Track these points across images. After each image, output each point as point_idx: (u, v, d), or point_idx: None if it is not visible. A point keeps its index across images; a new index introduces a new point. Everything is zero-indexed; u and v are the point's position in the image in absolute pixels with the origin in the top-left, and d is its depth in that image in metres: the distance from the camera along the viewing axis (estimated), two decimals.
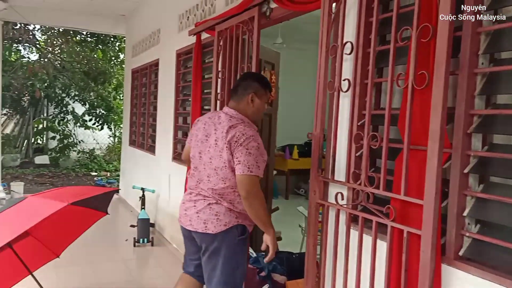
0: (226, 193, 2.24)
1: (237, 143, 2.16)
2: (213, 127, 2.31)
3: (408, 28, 1.70)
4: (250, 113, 2.32)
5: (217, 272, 2.28)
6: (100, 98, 11.49)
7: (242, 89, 2.33)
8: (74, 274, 3.91)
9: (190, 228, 2.33)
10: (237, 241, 2.27)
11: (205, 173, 2.29)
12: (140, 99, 6.60)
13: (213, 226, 2.24)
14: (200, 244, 2.35)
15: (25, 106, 11.61)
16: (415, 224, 1.69)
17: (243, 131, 2.19)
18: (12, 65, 10.56)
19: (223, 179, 2.23)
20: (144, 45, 6.39)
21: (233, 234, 2.26)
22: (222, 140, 2.22)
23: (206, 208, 2.27)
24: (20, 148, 11.50)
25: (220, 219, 2.24)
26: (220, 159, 2.22)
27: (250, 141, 2.16)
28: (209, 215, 2.25)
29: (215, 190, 2.26)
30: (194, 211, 2.31)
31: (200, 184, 2.32)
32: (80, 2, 6.52)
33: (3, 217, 2.29)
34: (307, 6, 2.42)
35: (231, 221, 2.25)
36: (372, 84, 1.92)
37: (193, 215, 2.31)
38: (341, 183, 2.10)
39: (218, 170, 2.23)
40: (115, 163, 11.34)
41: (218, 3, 3.83)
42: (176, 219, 4.73)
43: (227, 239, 2.25)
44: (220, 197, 2.26)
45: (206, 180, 2.29)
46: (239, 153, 2.15)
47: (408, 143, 1.70)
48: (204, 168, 2.30)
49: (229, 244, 2.26)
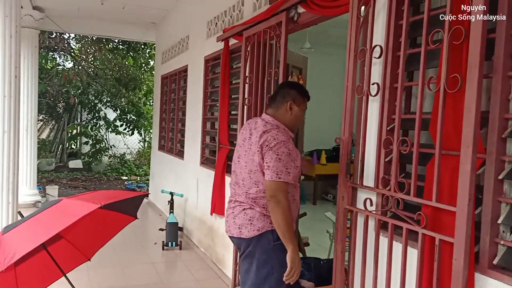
0: (258, 197, 2.27)
1: (267, 147, 2.19)
2: (249, 132, 2.36)
3: (439, 30, 1.67)
4: (288, 120, 2.35)
5: (250, 275, 2.31)
6: (130, 104, 11.77)
7: (281, 97, 2.36)
8: (104, 276, 4.00)
9: (229, 234, 2.41)
10: (272, 246, 2.26)
11: (241, 177, 2.35)
12: (169, 104, 6.71)
13: (247, 230, 2.27)
14: (238, 249, 2.42)
15: (60, 112, 12.01)
16: (448, 232, 1.64)
17: (275, 136, 2.21)
18: (48, 72, 10.97)
19: (255, 183, 2.26)
20: (173, 52, 6.51)
21: (267, 239, 2.26)
22: (255, 145, 2.26)
23: (241, 213, 2.31)
24: (55, 153, 11.90)
25: (254, 224, 2.27)
26: (253, 163, 2.26)
27: (281, 147, 2.17)
28: (243, 220, 2.29)
29: (249, 194, 2.29)
30: (232, 217, 2.37)
31: (237, 188, 2.39)
32: (113, 11, 6.72)
33: (39, 219, 2.38)
34: (335, 10, 2.40)
35: (265, 226, 2.26)
36: (402, 88, 1.89)
37: (231, 221, 2.38)
38: (370, 189, 2.06)
39: (251, 173, 2.28)
40: (145, 167, 11.55)
41: (246, 9, 3.87)
42: (204, 223, 4.79)
43: (261, 243, 2.27)
44: (253, 202, 2.28)
45: (241, 184, 2.35)
46: (269, 158, 2.17)
47: (440, 148, 1.66)
48: (240, 172, 2.36)
49: (263, 249, 2.27)
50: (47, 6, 6.68)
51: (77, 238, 2.95)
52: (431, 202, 1.70)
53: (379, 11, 2.08)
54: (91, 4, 6.32)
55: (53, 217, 2.38)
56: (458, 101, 1.62)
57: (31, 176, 6.81)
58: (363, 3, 2.09)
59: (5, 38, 3.94)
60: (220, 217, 4.33)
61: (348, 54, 2.17)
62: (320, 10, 2.54)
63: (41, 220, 2.36)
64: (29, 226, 2.34)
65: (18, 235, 2.30)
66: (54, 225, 2.30)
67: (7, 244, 2.23)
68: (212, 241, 4.56)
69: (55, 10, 6.85)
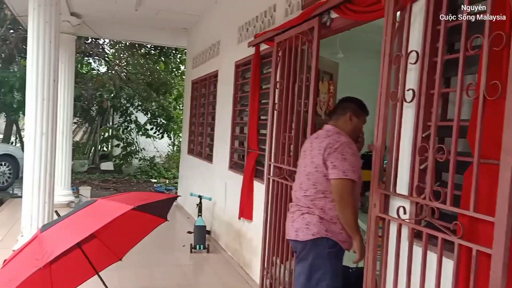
0: (317, 198, 2.37)
1: (331, 149, 2.32)
2: (309, 143, 2.55)
3: (479, 36, 1.63)
4: (348, 130, 2.49)
5: (301, 279, 2.39)
6: (161, 108, 12.00)
7: (341, 109, 2.54)
8: (134, 276, 4.07)
9: (287, 237, 2.53)
10: (327, 253, 2.32)
11: (299, 181, 2.50)
12: (199, 109, 6.80)
13: (303, 234, 2.38)
14: (294, 252, 2.54)
15: (93, 115, 12.37)
16: (485, 242, 1.59)
17: (337, 139, 2.37)
18: (83, 77, 11.33)
19: (314, 184, 2.38)
20: (204, 57, 6.59)
21: (322, 245, 2.34)
22: (316, 149, 2.40)
23: (299, 217, 2.43)
24: (87, 155, 12.25)
25: (310, 228, 2.37)
26: (312, 165, 2.39)
27: (345, 147, 2.31)
28: (300, 224, 2.40)
29: (307, 197, 2.41)
30: (290, 221, 2.50)
31: (296, 193, 2.51)
32: (146, 17, 6.88)
33: (76, 218, 2.45)
34: (370, 15, 2.38)
35: (320, 231, 2.35)
36: (439, 95, 1.85)
37: (289, 224, 2.51)
38: (403, 197, 2.02)
39: (309, 175, 2.41)
40: (173, 170, 11.73)
41: (277, 15, 3.88)
42: (231, 227, 4.81)
43: (315, 248, 2.35)
44: (311, 204, 2.38)
45: (299, 187, 2.48)
46: (334, 158, 2.30)
47: (478, 157, 1.61)
48: (299, 177, 2.52)
49: (317, 254, 2.35)
50: (84, 13, 6.92)
51: (109, 238, 3.01)
52: (468, 212, 1.65)
53: (415, 16, 2.05)
54: (126, 10, 6.49)
55: (89, 217, 2.45)
56: (498, 108, 1.57)
57: (65, 177, 7.03)
58: (399, 8, 2.07)
59: (45, 43, 4.11)
60: (248, 221, 4.35)
61: (383, 60, 2.14)
62: (354, 16, 2.52)
63: (78, 220, 2.44)
64: (66, 225, 2.41)
65: (56, 234, 2.37)
66: (90, 225, 2.37)
67: (45, 242, 2.30)
68: (240, 246, 4.58)
69: (92, 16, 7.07)
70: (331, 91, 4.28)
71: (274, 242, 3.50)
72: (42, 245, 2.32)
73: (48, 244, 2.31)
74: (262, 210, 3.79)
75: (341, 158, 2.28)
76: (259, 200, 4.05)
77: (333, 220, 2.35)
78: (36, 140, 4.06)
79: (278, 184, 3.44)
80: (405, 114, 2.07)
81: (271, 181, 3.58)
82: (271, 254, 3.55)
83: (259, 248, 3.86)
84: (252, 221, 4.25)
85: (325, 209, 2.35)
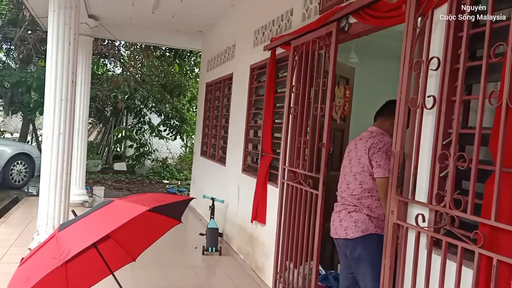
0: (364, 197, 2.46)
1: (375, 148, 2.43)
2: (354, 144, 2.66)
3: (502, 43, 1.61)
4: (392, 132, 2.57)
5: (367, 280, 2.45)
6: (174, 110, 12.08)
7: (388, 111, 2.62)
8: (147, 277, 4.10)
9: (335, 236, 2.60)
10: (379, 249, 2.32)
11: (345, 181, 2.58)
12: (213, 111, 6.83)
13: (352, 232, 2.47)
14: (344, 252, 2.57)
15: (107, 116, 12.50)
16: (506, 252, 1.57)
17: (381, 139, 2.50)
18: (98, 78, 11.46)
19: (360, 183, 2.48)
20: (219, 60, 6.62)
21: (373, 241, 2.42)
22: (361, 150, 2.50)
23: (346, 216, 2.52)
24: (101, 155, 12.37)
25: (358, 226, 2.46)
26: (359, 165, 2.49)
27: (389, 147, 2.39)
28: (349, 222, 2.49)
29: (354, 196, 2.50)
30: (338, 220, 2.58)
31: (342, 193, 2.59)
32: (162, 20, 6.94)
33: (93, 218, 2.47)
34: (390, 21, 2.37)
35: (368, 229, 2.44)
36: (461, 102, 1.83)
37: (337, 224, 2.58)
38: (422, 204, 2.00)
39: (357, 175, 2.50)
40: (186, 172, 11.78)
41: (294, 19, 3.88)
42: (244, 230, 4.81)
43: (367, 245, 2.43)
44: (359, 202, 2.47)
45: (345, 188, 2.57)
46: (379, 158, 2.40)
47: (501, 165, 1.59)
48: (345, 178, 2.61)
49: (370, 251, 2.43)
50: (102, 15, 7.00)
51: (124, 239, 3.04)
52: (489, 221, 1.63)
53: (436, 23, 2.03)
54: (143, 13, 6.56)
55: (105, 217, 2.48)
56: None
57: (80, 177, 7.10)
58: (420, 14, 2.05)
59: (64, 45, 4.17)
60: (261, 225, 4.34)
61: (402, 65, 2.13)
62: (373, 21, 2.51)
63: (95, 220, 2.46)
64: (83, 224, 2.44)
65: (73, 233, 2.40)
66: (107, 225, 2.39)
67: (62, 241, 2.33)
68: (252, 249, 4.57)
69: (109, 19, 7.16)
70: (347, 96, 4.27)
71: (287, 246, 3.49)
72: (60, 244, 2.34)
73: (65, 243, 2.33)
74: (275, 213, 3.78)
75: (385, 158, 2.39)
76: (272, 203, 4.05)
77: (381, 218, 2.44)
78: (53, 139, 4.12)
79: (293, 189, 3.43)
80: (425, 120, 2.05)
81: (285, 185, 3.57)
82: (284, 258, 3.54)
83: (271, 252, 3.85)
84: (265, 224, 4.24)
85: (372, 207, 2.46)
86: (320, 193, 2.98)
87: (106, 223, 2.45)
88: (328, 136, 3.00)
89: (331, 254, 4.08)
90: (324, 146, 3.00)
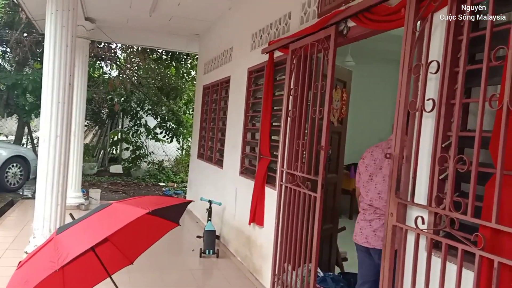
0: None
1: None
2: (369, 151, 2.73)
3: (503, 47, 1.62)
4: None
5: None
6: (171, 113, 12.04)
7: None
8: (145, 280, 4.08)
9: (367, 245, 2.60)
10: None
11: (376, 191, 2.57)
12: (210, 114, 6.82)
13: None
14: (377, 261, 2.55)
15: (103, 118, 12.45)
16: (507, 255, 1.58)
17: None
18: (94, 80, 11.42)
19: None
20: (216, 63, 6.63)
21: None
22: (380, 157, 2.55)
23: (381, 227, 2.51)
24: (97, 157, 12.31)
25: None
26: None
27: None
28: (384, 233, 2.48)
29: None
30: (370, 229, 2.58)
31: (373, 203, 2.57)
32: (159, 23, 6.94)
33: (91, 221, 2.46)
34: (389, 24, 2.38)
35: None
36: (460, 105, 1.84)
37: (369, 233, 2.58)
38: (422, 207, 2.01)
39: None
40: (182, 174, 11.75)
41: (292, 22, 3.90)
42: (241, 233, 4.80)
43: None
44: None
45: (378, 197, 2.56)
46: None
47: (501, 168, 1.60)
48: (375, 187, 2.59)
49: None
50: (98, 18, 6.99)
51: (122, 242, 3.02)
52: (490, 223, 1.64)
53: (436, 26, 2.05)
54: (140, 15, 6.55)
55: (104, 220, 2.46)
56: None
57: (76, 180, 7.06)
58: (419, 18, 2.07)
59: (62, 47, 4.15)
60: (258, 227, 4.34)
61: (402, 69, 2.14)
62: (372, 25, 2.52)
63: (93, 223, 2.45)
64: (82, 228, 2.42)
65: (71, 236, 2.39)
66: (105, 228, 2.38)
67: (61, 244, 2.32)
68: (250, 251, 4.57)
69: (106, 21, 7.14)
70: (344, 99, 4.29)
71: (285, 248, 3.49)
72: (58, 247, 2.33)
73: (63, 246, 2.32)
74: (273, 216, 3.78)
75: None
76: (270, 206, 4.05)
77: None
78: (50, 142, 4.09)
79: (291, 191, 3.44)
80: (424, 123, 2.06)
81: (284, 187, 3.58)
82: (283, 261, 3.54)
83: (269, 254, 3.85)
84: (263, 227, 4.24)
85: None
86: (319, 196, 2.99)
87: (105, 226, 2.43)
88: (326, 139, 3.01)
89: (329, 256, 4.08)
90: (322, 148, 3.01)
